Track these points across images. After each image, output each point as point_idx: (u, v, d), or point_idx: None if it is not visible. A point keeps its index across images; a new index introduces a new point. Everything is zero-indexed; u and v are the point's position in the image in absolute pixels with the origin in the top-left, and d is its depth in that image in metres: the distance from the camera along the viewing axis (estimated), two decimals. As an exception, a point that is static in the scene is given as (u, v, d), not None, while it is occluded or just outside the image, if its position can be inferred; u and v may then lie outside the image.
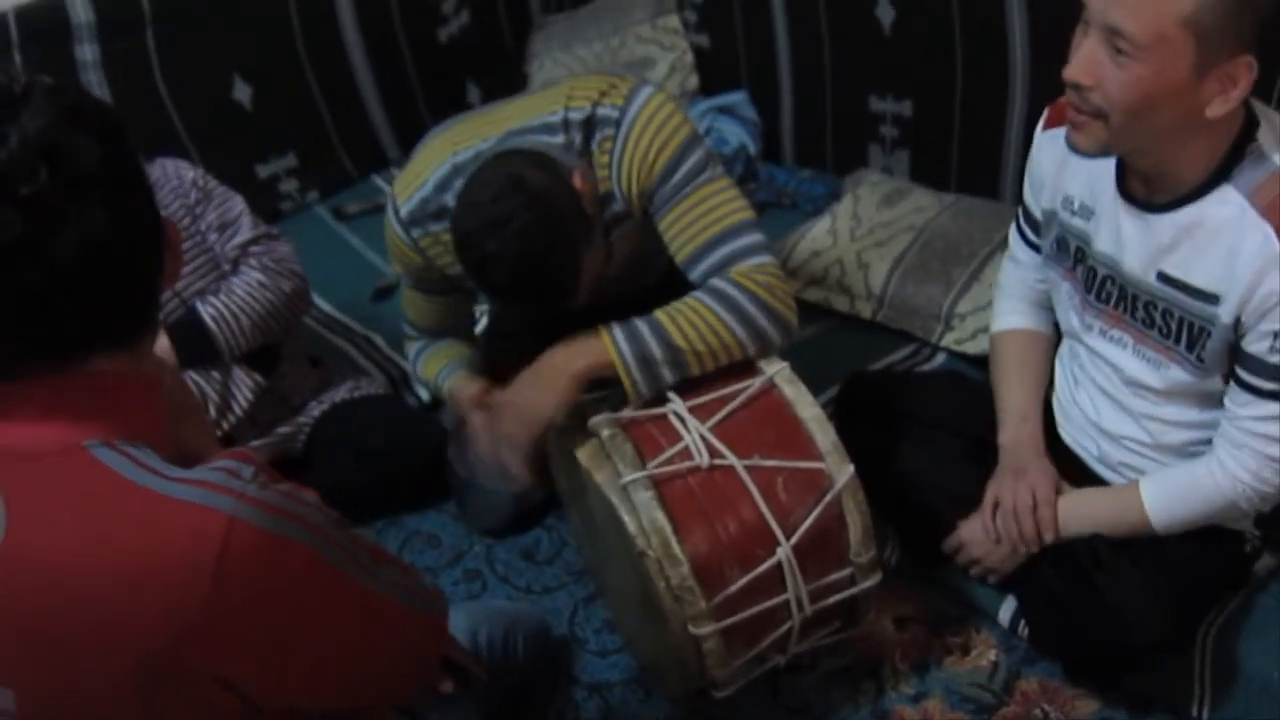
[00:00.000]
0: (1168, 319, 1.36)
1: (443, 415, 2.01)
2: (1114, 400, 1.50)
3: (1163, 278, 1.34)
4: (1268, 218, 1.23)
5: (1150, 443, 1.47)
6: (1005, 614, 1.63)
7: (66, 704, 0.84)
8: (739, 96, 2.76)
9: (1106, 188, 1.39)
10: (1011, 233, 1.66)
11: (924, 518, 1.66)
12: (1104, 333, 1.47)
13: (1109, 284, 1.43)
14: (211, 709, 0.86)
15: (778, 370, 1.44)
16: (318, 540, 0.88)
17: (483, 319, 1.99)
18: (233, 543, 0.80)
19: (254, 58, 2.58)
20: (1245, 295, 1.26)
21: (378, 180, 2.85)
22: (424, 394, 2.13)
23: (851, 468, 1.38)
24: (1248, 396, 1.32)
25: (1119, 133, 1.25)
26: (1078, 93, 1.25)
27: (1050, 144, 1.47)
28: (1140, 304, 1.39)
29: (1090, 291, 1.47)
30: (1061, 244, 1.50)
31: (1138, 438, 1.48)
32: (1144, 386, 1.44)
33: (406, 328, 1.77)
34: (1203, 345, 1.33)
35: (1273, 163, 1.25)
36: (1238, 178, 1.27)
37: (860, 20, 2.44)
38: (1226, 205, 1.27)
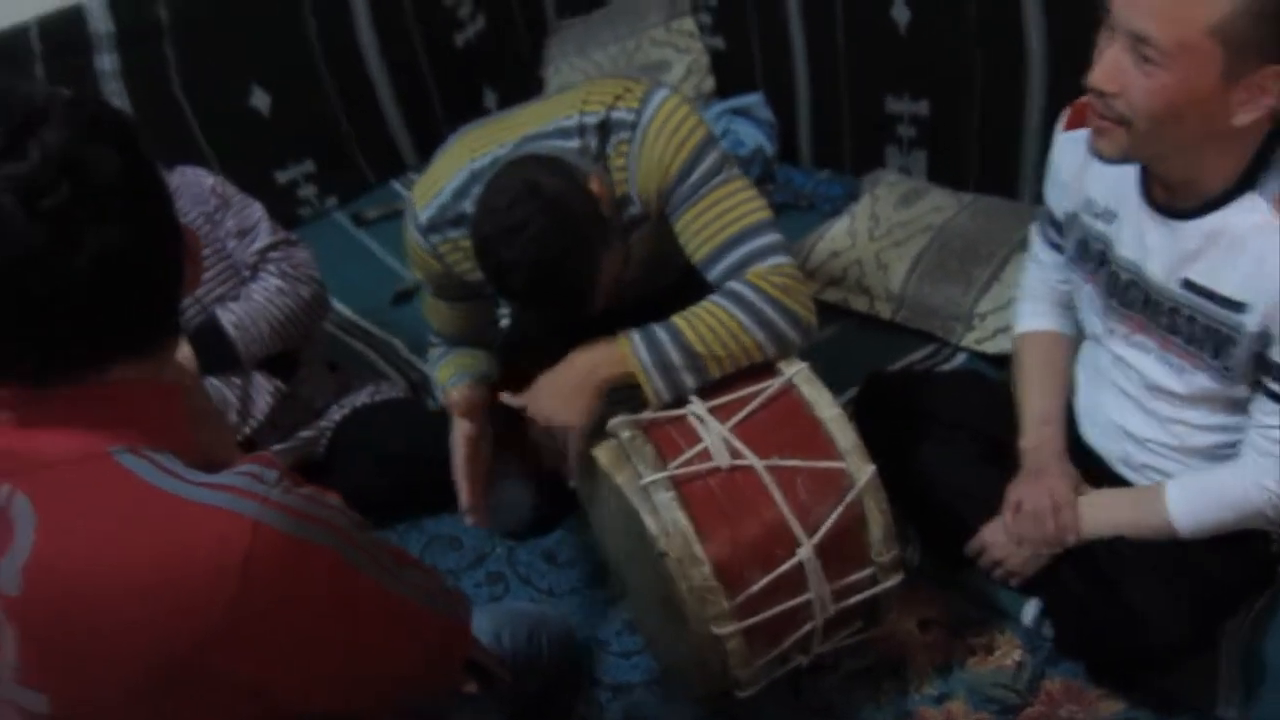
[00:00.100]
0: (1192, 326, 1.34)
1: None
2: (1137, 403, 1.47)
3: (1187, 285, 1.32)
4: None
5: (1176, 445, 1.45)
6: (1029, 614, 1.62)
7: (97, 707, 0.85)
8: (755, 98, 2.75)
9: (1130, 192, 1.37)
10: (1033, 233, 1.65)
11: (945, 519, 1.65)
12: (1126, 338, 1.45)
13: (1132, 289, 1.41)
14: (234, 713, 0.87)
15: (797, 371, 1.44)
16: (341, 543, 0.88)
17: (503, 323, 1.99)
18: (257, 547, 0.81)
19: (271, 65, 2.60)
20: (1273, 304, 1.24)
21: (395, 185, 2.87)
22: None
23: (873, 467, 1.38)
24: (1274, 405, 1.30)
25: (1143, 140, 1.23)
26: (1101, 99, 1.23)
27: (1071, 146, 1.45)
28: (1164, 310, 1.37)
29: (1113, 296, 1.45)
30: (1083, 247, 1.48)
31: (1162, 440, 1.46)
32: (1168, 392, 1.41)
33: (430, 335, 1.77)
34: (1228, 353, 1.31)
35: None
36: (1264, 185, 1.25)
37: (876, 20, 2.43)
38: (1253, 213, 1.25)
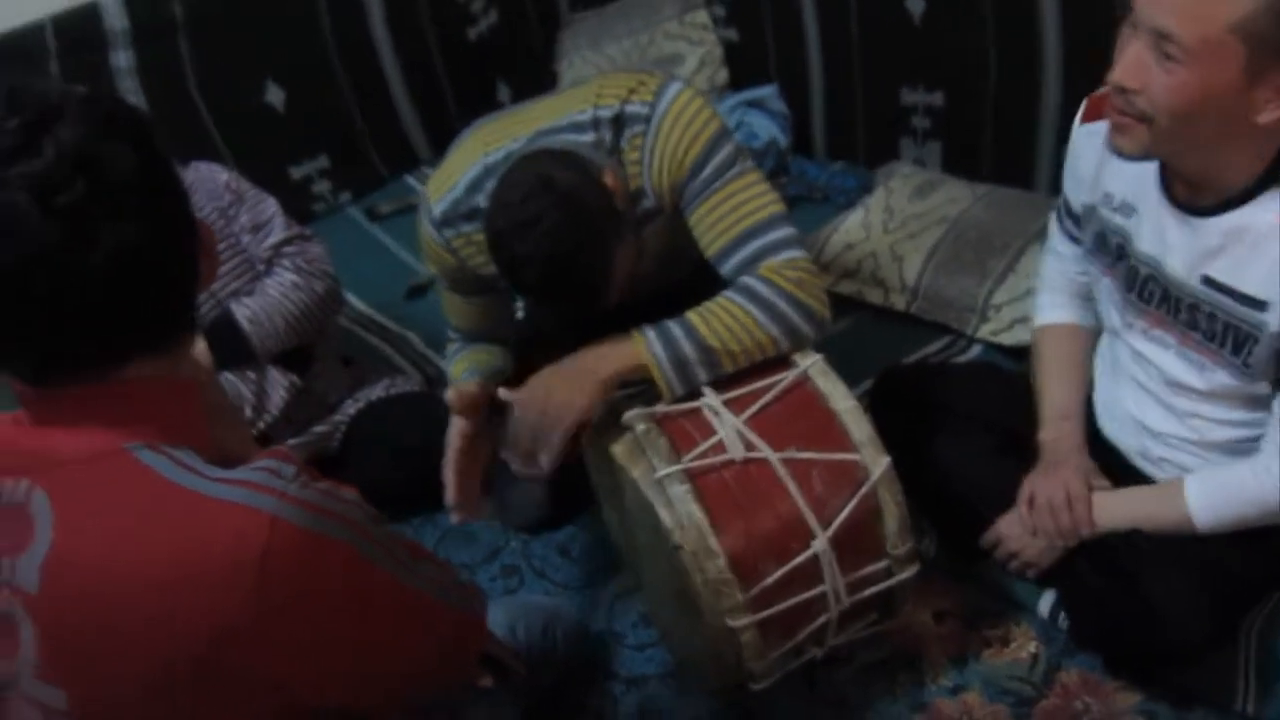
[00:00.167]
0: (1212, 323, 1.33)
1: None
2: (1156, 398, 1.47)
3: (1208, 281, 1.31)
4: None
5: (1194, 440, 1.44)
6: (1045, 606, 1.62)
7: (115, 704, 0.85)
8: (769, 90, 2.75)
9: (1149, 188, 1.36)
10: (1052, 225, 1.64)
11: (960, 511, 1.64)
12: (1145, 332, 1.44)
13: (1151, 284, 1.40)
14: (253, 708, 0.87)
15: (812, 363, 1.44)
16: (357, 538, 0.89)
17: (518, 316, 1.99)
18: (275, 542, 0.81)
19: (285, 61, 2.61)
20: None
21: (409, 180, 2.87)
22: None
23: (888, 459, 1.38)
24: None
25: (1163, 137, 1.22)
26: (1123, 96, 1.22)
27: (1089, 139, 1.44)
28: (1184, 306, 1.36)
29: (1131, 290, 1.44)
30: (1101, 240, 1.48)
31: (1181, 435, 1.45)
32: (1187, 387, 1.41)
33: (449, 330, 1.78)
34: (1249, 351, 1.30)
35: None
36: None
37: (890, 11, 2.43)
38: (1274, 211, 1.24)
